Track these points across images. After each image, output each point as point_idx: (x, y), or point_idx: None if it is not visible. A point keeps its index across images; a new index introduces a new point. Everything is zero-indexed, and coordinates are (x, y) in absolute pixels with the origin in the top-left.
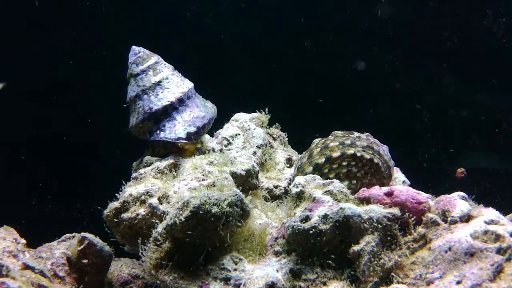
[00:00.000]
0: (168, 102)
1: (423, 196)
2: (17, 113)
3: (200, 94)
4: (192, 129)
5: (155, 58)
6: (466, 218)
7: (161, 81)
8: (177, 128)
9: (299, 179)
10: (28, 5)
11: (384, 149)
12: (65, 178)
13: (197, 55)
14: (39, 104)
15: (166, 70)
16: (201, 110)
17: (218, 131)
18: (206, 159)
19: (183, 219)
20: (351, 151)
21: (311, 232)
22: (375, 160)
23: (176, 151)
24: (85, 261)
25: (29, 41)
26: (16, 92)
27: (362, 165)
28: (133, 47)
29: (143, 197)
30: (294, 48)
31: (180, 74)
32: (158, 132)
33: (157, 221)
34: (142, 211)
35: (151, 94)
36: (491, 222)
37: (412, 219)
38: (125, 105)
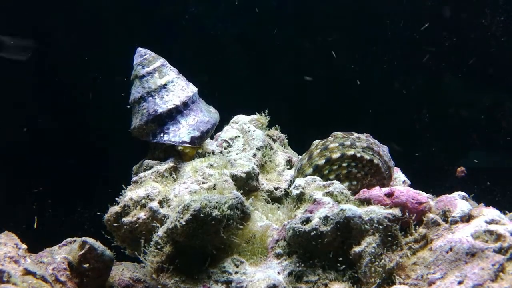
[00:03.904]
0: (174, 105)
1: (423, 196)
2: (17, 116)
3: (199, 96)
4: (196, 134)
5: (161, 60)
6: (467, 218)
7: (167, 84)
8: (181, 132)
9: (299, 181)
10: (28, 6)
11: (384, 149)
12: (65, 182)
13: (196, 57)
14: (39, 107)
15: (171, 73)
16: (205, 115)
17: (217, 134)
18: (206, 162)
19: (183, 223)
20: (351, 152)
21: (312, 234)
22: (375, 161)
23: (176, 154)
24: (86, 265)
25: (29, 42)
26: (16, 94)
27: (362, 166)
28: (139, 48)
29: (143, 200)
30: (294, 48)
31: (185, 78)
32: (161, 135)
33: (157, 225)
34: (142, 215)
35: (156, 97)
36: (492, 221)
37: (413, 219)
38: (128, 106)
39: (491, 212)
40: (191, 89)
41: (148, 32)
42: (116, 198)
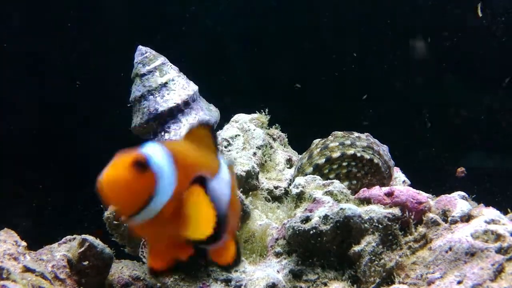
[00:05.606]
0: (174, 104)
1: (423, 196)
2: (17, 115)
3: (199, 95)
4: None
5: (161, 59)
6: (467, 218)
7: (167, 82)
8: (182, 131)
9: (299, 180)
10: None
11: (384, 149)
12: (65, 180)
13: (196, 56)
14: (38, 105)
15: (172, 72)
16: (206, 113)
17: (218, 132)
18: None
19: None
20: (351, 151)
21: (311, 232)
22: (375, 160)
23: None
24: (86, 263)
25: (29, 42)
26: (16, 93)
27: (362, 165)
28: (140, 46)
29: None
30: (294, 47)
31: (185, 76)
32: (162, 134)
33: None
34: None
35: (157, 95)
36: (492, 221)
37: (413, 219)
38: (128, 105)
39: (491, 212)
40: (192, 88)
41: (148, 31)
42: None
